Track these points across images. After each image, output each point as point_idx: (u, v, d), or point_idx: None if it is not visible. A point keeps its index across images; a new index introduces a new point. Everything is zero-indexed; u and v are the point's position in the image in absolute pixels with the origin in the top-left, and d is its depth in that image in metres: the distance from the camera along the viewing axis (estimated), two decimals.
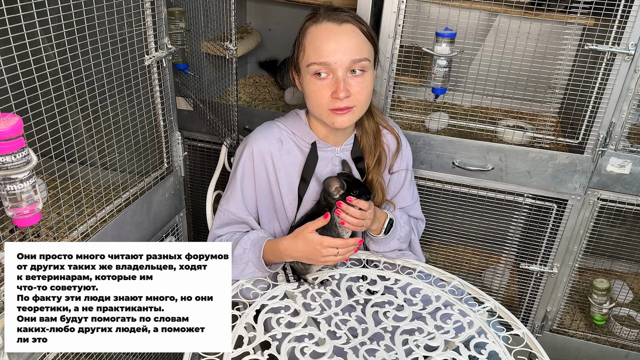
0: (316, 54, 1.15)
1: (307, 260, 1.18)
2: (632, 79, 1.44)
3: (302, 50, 1.18)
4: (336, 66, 1.14)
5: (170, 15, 1.63)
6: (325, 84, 1.16)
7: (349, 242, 1.17)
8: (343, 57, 1.14)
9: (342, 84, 1.14)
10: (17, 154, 0.87)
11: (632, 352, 1.82)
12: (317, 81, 1.17)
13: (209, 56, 1.77)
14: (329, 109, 1.17)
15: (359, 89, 1.17)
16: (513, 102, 1.71)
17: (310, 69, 1.16)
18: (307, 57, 1.17)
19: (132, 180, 1.32)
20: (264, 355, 1.00)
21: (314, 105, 1.20)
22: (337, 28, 1.15)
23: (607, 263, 1.91)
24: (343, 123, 1.19)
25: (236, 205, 1.28)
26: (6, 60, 0.85)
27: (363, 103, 1.20)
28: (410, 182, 1.40)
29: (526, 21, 1.62)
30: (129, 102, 1.22)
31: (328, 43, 1.14)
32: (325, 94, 1.16)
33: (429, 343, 1.07)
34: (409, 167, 1.39)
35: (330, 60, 1.14)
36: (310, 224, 1.16)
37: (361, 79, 1.17)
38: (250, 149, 1.26)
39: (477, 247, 2.01)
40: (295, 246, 1.17)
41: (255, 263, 1.22)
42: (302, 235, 1.16)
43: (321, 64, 1.14)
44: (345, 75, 1.15)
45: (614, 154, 1.55)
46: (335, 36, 1.15)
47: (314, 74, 1.16)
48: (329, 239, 1.15)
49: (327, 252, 1.14)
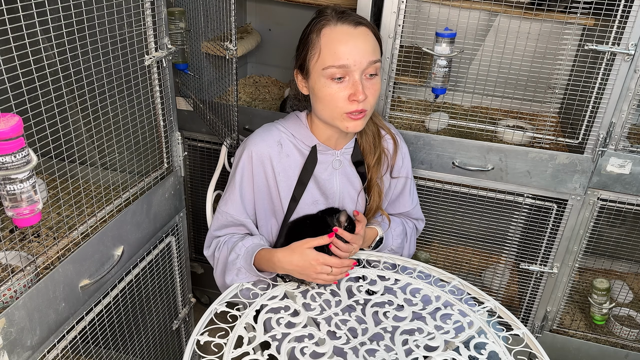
0: (334, 56, 1.13)
1: (299, 275, 1.18)
2: (632, 79, 1.44)
3: (317, 52, 1.16)
4: (355, 68, 1.13)
5: (170, 15, 1.63)
6: (342, 87, 1.15)
7: (344, 262, 1.17)
8: (362, 59, 1.13)
9: (361, 86, 1.14)
10: (17, 154, 0.86)
11: (632, 352, 1.81)
12: (333, 84, 1.15)
13: (209, 56, 1.77)
14: (345, 112, 1.16)
15: (372, 91, 1.17)
16: (513, 102, 1.71)
17: (326, 72, 1.14)
18: (323, 60, 1.15)
19: (132, 180, 1.32)
20: (264, 356, 1.00)
21: (328, 109, 1.18)
22: (354, 31, 1.14)
23: (607, 263, 1.91)
24: (357, 127, 1.18)
25: (234, 208, 1.28)
26: (6, 60, 0.85)
27: (372, 106, 1.20)
28: (410, 189, 1.42)
29: (526, 21, 1.62)
30: (129, 102, 1.22)
31: (346, 45, 1.13)
32: (342, 97, 1.15)
33: (429, 343, 1.07)
34: (408, 175, 1.40)
35: (349, 62, 1.12)
36: (311, 240, 1.16)
37: (375, 82, 1.17)
38: (249, 151, 1.25)
39: (477, 247, 2.01)
40: (291, 259, 1.16)
41: (246, 269, 1.22)
42: (300, 249, 1.16)
43: (340, 67, 1.13)
44: (361, 77, 1.14)
45: (614, 154, 1.55)
46: (352, 39, 1.14)
47: (330, 78, 1.15)
48: (325, 256, 1.15)
49: (321, 269, 1.15)
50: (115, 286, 1.27)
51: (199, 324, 1.07)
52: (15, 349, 0.97)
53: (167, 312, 1.59)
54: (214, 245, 1.32)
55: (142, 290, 1.39)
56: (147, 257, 1.39)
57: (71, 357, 1.15)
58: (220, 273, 1.29)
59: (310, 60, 1.17)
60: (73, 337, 1.14)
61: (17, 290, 0.97)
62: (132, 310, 1.37)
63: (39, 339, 1.03)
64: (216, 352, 1.00)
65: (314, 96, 1.20)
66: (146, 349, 1.50)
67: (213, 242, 1.32)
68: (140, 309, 1.42)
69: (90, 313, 1.18)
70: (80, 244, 1.11)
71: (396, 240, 1.38)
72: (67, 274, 1.08)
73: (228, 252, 1.26)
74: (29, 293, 0.98)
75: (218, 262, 1.29)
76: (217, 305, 1.15)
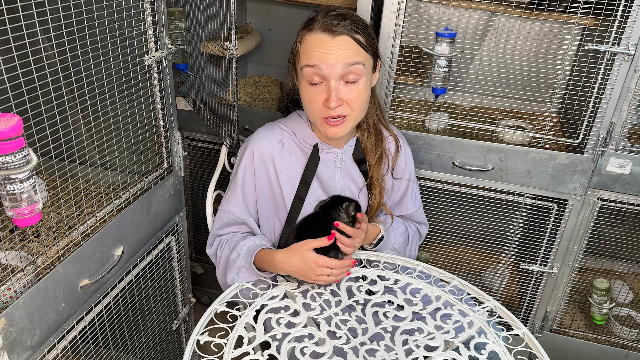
0: (307, 58, 1.15)
1: (299, 276, 1.19)
2: (632, 79, 1.44)
3: (298, 55, 1.18)
4: (329, 73, 1.13)
5: (170, 15, 1.63)
6: (319, 92, 1.16)
7: (344, 263, 1.18)
8: (335, 64, 1.13)
9: (334, 92, 1.14)
10: (17, 154, 0.86)
11: (632, 352, 1.81)
12: (310, 87, 1.17)
13: (209, 56, 1.77)
14: (322, 117, 1.18)
15: (352, 96, 1.16)
16: (513, 102, 1.71)
17: (304, 72, 1.16)
18: (301, 61, 1.17)
19: (132, 180, 1.32)
20: (264, 355, 1.00)
21: (308, 111, 1.21)
22: (332, 40, 1.13)
23: (607, 263, 1.91)
24: (336, 134, 1.19)
25: (237, 206, 1.28)
26: (6, 60, 0.85)
27: (358, 111, 1.19)
28: (412, 192, 1.42)
29: (526, 21, 1.62)
30: (129, 102, 1.22)
31: (320, 51, 1.13)
32: (318, 101, 1.16)
33: (429, 343, 1.07)
34: (411, 178, 1.40)
35: (322, 65, 1.13)
36: (310, 242, 1.16)
37: (354, 87, 1.16)
38: (251, 150, 1.26)
39: (477, 247, 2.01)
40: (291, 261, 1.17)
41: (246, 269, 1.23)
42: (300, 251, 1.16)
43: (312, 67, 1.14)
44: (337, 84, 1.14)
45: (614, 154, 1.54)
46: (326, 46, 1.13)
47: (309, 81, 1.16)
48: (325, 258, 1.16)
49: (321, 271, 1.15)
50: (115, 286, 1.27)
51: (199, 324, 1.07)
52: (15, 349, 0.97)
53: (167, 312, 1.59)
54: (216, 244, 1.32)
55: (142, 290, 1.39)
56: (147, 257, 1.39)
57: (71, 357, 1.15)
58: (222, 272, 1.29)
59: (296, 63, 1.20)
60: (73, 337, 1.14)
61: (17, 290, 0.97)
62: (132, 310, 1.37)
63: (39, 339, 1.03)
64: (216, 352, 1.00)
65: (301, 98, 1.22)
66: (146, 349, 1.50)
67: (215, 240, 1.33)
68: (140, 309, 1.42)
69: (90, 313, 1.18)
70: (80, 244, 1.11)
71: (398, 239, 1.38)
72: (67, 274, 1.08)
73: (230, 251, 1.26)
74: (29, 293, 0.98)
75: (220, 261, 1.29)
76: (217, 305, 1.15)
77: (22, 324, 0.97)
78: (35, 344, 1.02)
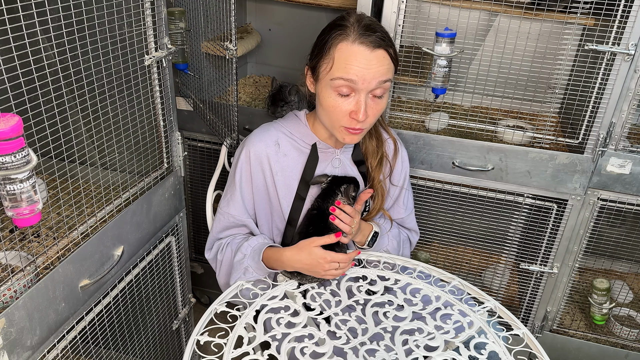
0: (344, 71, 1.12)
1: (308, 272, 1.20)
2: (632, 79, 1.44)
3: (329, 63, 1.14)
4: (362, 88, 1.12)
5: (170, 15, 1.63)
6: (347, 103, 1.15)
7: (351, 256, 1.21)
8: (371, 80, 1.12)
9: (364, 107, 1.13)
10: (17, 154, 0.86)
11: (632, 352, 1.81)
12: (338, 98, 1.15)
13: (209, 56, 1.77)
14: (344, 125, 1.17)
15: (375, 111, 1.17)
16: (513, 102, 1.71)
17: (334, 83, 1.13)
18: (333, 71, 1.13)
19: (132, 180, 1.32)
20: (264, 356, 1.00)
21: (329, 118, 1.19)
22: (370, 54, 1.11)
23: (607, 263, 1.91)
24: (353, 140, 1.21)
25: (236, 208, 1.29)
26: (6, 60, 0.85)
27: (371, 124, 1.21)
28: (405, 196, 1.42)
29: (526, 21, 1.62)
30: (129, 102, 1.22)
31: (358, 66, 1.11)
32: (344, 112, 1.15)
33: (429, 343, 1.07)
34: (405, 184, 1.41)
35: (358, 80, 1.11)
36: (317, 239, 1.18)
37: (380, 101, 1.17)
38: (247, 151, 1.26)
39: (477, 247, 2.01)
40: (299, 257, 1.18)
41: (255, 268, 1.23)
42: (308, 248, 1.18)
43: (347, 81, 1.12)
44: (366, 97, 1.14)
45: (614, 154, 1.54)
46: (366, 61, 1.11)
47: (337, 91, 1.14)
48: (332, 253, 1.18)
49: (329, 266, 1.17)
50: (115, 286, 1.27)
51: (199, 324, 1.07)
52: (15, 349, 0.97)
53: (167, 312, 1.59)
54: (215, 248, 1.32)
55: (142, 290, 1.39)
56: (147, 257, 1.39)
57: (71, 357, 1.15)
58: (224, 275, 1.29)
59: (321, 67, 1.16)
60: (73, 337, 1.14)
61: (17, 290, 0.97)
62: (132, 310, 1.37)
63: (39, 339, 1.03)
64: (216, 352, 1.00)
65: (318, 101, 1.20)
66: (146, 349, 1.50)
67: (215, 244, 1.33)
68: (140, 309, 1.42)
69: (90, 313, 1.18)
70: (80, 244, 1.11)
71: (392, 241, 1.38)
72: (67, 274, 1.08)
73: (232, 253, 1.26)
74: (29, 293, 0.98)
75: (222, 265, 1.29)
76: (217, 305, 1.15)
77: (22, 324, 0.97)
78: (35, 344, 1.02)
